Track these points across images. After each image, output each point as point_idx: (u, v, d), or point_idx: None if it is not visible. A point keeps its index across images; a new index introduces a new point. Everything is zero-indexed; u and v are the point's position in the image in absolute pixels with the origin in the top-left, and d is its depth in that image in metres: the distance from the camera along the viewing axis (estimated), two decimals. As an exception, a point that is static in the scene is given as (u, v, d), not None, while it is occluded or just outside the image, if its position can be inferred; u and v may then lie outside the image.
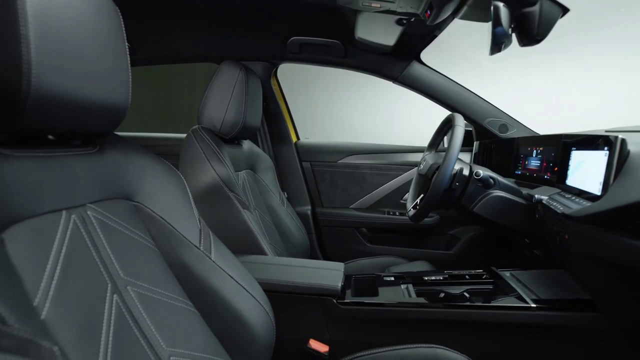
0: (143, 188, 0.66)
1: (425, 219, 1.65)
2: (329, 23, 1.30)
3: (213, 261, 0.69)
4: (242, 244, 1.01)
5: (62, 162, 0.51)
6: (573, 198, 0.79)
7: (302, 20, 1.31)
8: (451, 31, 1.20)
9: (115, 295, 0.51)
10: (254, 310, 0.71)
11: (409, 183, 1.60)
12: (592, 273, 0.74)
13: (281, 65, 1.67)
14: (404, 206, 1.69)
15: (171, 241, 0.66)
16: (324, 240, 1.75)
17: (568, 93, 2.32)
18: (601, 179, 0.70)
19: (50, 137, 0.51)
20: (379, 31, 1.22)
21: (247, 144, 1.37)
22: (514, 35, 0.86)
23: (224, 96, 1.14)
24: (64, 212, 0.49)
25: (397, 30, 1.18)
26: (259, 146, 1.57)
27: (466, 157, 1.66)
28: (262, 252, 1.02)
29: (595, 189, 0.72)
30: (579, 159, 0.87)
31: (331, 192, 1.78)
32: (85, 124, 0.52)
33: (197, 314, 0.64)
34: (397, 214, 1.70)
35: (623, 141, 0.67)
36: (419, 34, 1.23)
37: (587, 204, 0.70)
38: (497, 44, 0.81)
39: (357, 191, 1.76)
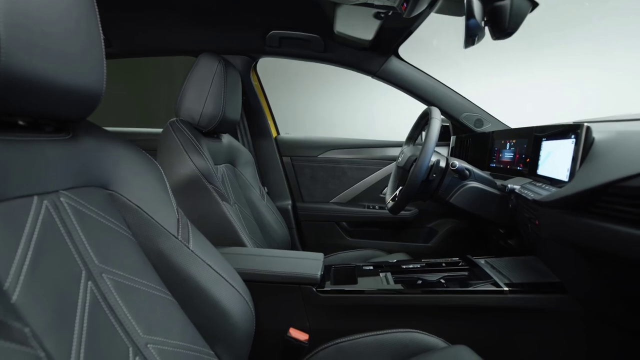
0: (118, 176, 0.65)
1: (404, 213, 1.68)
2: (309, 17, 1.31)
3: (191, 250, 0.68)
4: (221, 237, 1.00)
5: (34, 148, 0.49)
6: (543, 186, 0.82)
7: (281, 14, 1.31)
8: (434, 32, 1.23)
9: (89, 282, 0.50)
10: (233, 299, 0.70)
11: (388, 177, 1.62)
12: (561, 257, 0.78)
13: (262, 62, 1.67)
14: (383, 200, 1.72)
15: (148, 230, 0.65)
16: (304, 235, 1.75)
17: (540, 89, 2.41)
18: (569, 165, 0.73)
19: (20, 122, 0.49)
20: (358, 25, 1.23)
21: (226, 138, 1.35)
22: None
23: (202, 88, 1.13)
24: (35, 198, 0.48)
25: (375, 25, 1.19)
26: (238, 141, 1.57)
27: (444, 151, 1.70)
28: (241, 244, 1.02)
29: (564, 175, 0.75)
30: (548, 149, 0.90)
31: (311, 186, 1.79)
32: (57, 108, 0.51)
33: (175, 303, 0.64)
34: (376, 207, 1.72)
35: (588, 129, 0.70)
36: (396, 28, 1.25)
37: (556, 190, 0.73)
38: (471, 36, 0.84)
39: (337, 185, 1.78)
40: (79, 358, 0.43)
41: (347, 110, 2.81)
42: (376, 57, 1.48)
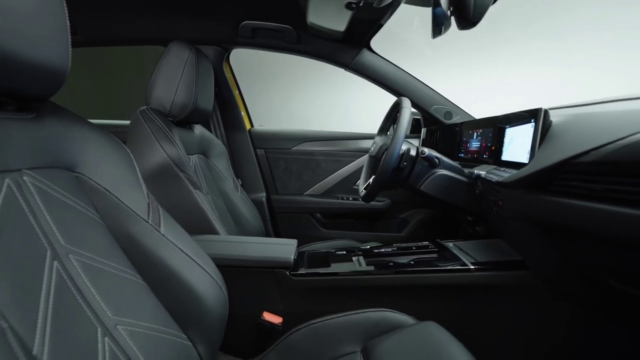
0: (85, 159, 0.63)
1: (377, 204, 1.71)
2: (281, 7, 1.31)
3: (162, 234, 0.68)
4: (194, 225, 0.99)
5: None
6: (507, 170, 0.86)
7: (253, 4, 1.30)
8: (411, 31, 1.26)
9: (55, 262, 0.49)
10: (205, 283, 0.70)
11: (361, 169, 1.65)
12: (522, 235, 0.82)
13: (237, 56, 1.66)
14: (357, 192, 1.74)
15: (117, 213, 0.64)
16: (279, 227, 1.76)
17: (506, 86, 2.50)
18: (529, 148, 0.77)
19: None
20: (330, 16, 1.24)
21: (198, 129, 1.34)
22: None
23: (174, 77, 1.11)
24: None
25: (347, 15, 1.21)
26: (211, 132, 1.55)
27: (415, 143, 1.74)
28: (214, 233, 1.01)
29: (525, 158, 0.79)
30: (511, 135, 0.94)
31: (286, 178, 1.79)
32: (19, 85, 0.49)
33: (146, 286, 0.63)
34: (350, 199, 1.75)
35: (546, 112, 0.74)
36: (367, 20, 1.27)
37: (517, 171, 0.77)
38: (438, 25, 0.87)
39: (311, 177, 1.79)
40: (44, 335, 0.42)
41: (323, 107, 2.83)
42: (349, 49, 1.49)
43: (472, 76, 2.51)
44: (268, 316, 0.83)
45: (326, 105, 2.82)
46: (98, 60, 2.73)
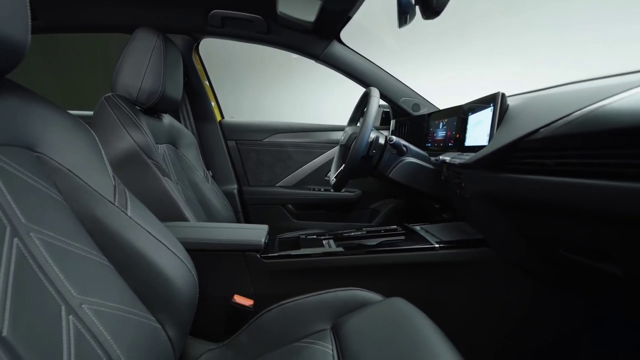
0: (47, 139, 0.61)
1: (348, 194, 1.74)
2: None
3: (129, 217, 0.67)
4: (163, 213, 0.98)
5: None
6: (469, 154, 0.90)
7: None
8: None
9: (15, 239, 0.48)
10: (174, 266, 0.69)
11: (332, 160, 1.67)
12: (483, 214, 0.86)
13: (209, 51, 1.64)
14: (328, 183, 1.77)
15: (81, 195, 0.62)
16: (250, 218, 1.75)
17: (472, 82, 2.59)
18: (488, 131, 0.82)
19: None
20: (300, 6, 1.25)
21: (167, 119, 1.31)
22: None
23: (140, 63, 1.08)
24: None
25: (316, 6, 1.22)
26: (180, 123, 1.52)
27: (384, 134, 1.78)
28: (184, 220, 1.00)
29: (485, 141, 0.83)
30: (473, 121, 0.99)
31: (257, 170, 1.79)
32: None
33: (112, 268, 0.62)
34: (322, 190, 1.76)
35: (503, 95, 0.78)
36: (336, 11, 1.29)
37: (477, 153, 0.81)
38: (403, 14, 0.90)
39: (283, 169, 1.79)
40: (4, 310, 0.41)
41: (295, 104, 2.84)
42: (319, 41, 1.51)
43: (439, 74, 2.59)
44: (239, 299, 0.83)
45: (299, 100, 2.83)
46: (60, 49, 2.62)
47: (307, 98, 2.82)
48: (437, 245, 0.91)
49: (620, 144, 0.45)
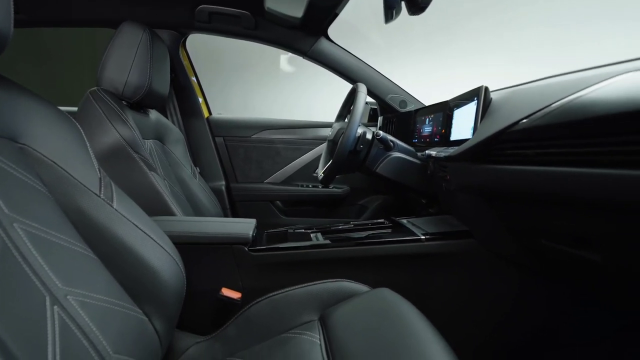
0: (30, 130, 0.61)
1: (336, 190, 1.75)
2: None
3: (115, 209, 0.66)
4: (149, 207, 0.96)
5: None
6: (455, 148, 0.92)
7: None
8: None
9: None
10: (161, 259, 0.69)
11: (321, 157, 1.68)
12: (468, 206, 0.88)
13: (199, 49, 1.63)
14: (316, 179, 1.77)
15: (66, 187, 0.62)
16: (239, 215, 1.75)
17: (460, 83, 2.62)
18: (472, 124, 0.83)
19: None
20: (287, 2, 1.26)
21: (154, 114, 1.30)
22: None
23: (126, 57, 1.07)
24: None
25: (304, 1, 1.23)
26: (167, 119, 1.51)
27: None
28: (171, 214, 0.99)
29: (469, 134, 0.85)
30: (458, 116, 1.01)
31: (245, 167, 1.79)
32: None
33: (98, 260, 0.61)
34: (310, 186, 1.77)
35: (486, 89, 0.80)
36: (323, 7, 1.29)
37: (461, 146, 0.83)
38: (390, 9, 0.91)
39: (271, 165, 1.79)
40: None
41: (286, 103, 2.84)
42: (307, 37, 1.51)
43: (426, 75, 2.62)
44: (227, 292, 0.83)
45: (290, 100, 2.84)
46: (45, 44, 2.57)
47: (297, 96, 2.83)
48: (423, 237, 0.92)
49: (596, 133, 0.47)
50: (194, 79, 1.71)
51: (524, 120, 0.61)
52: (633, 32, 1.96)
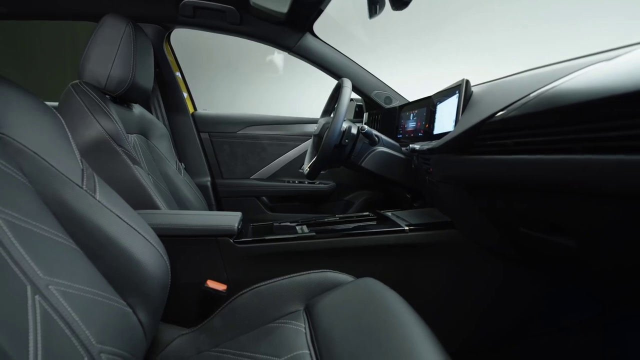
0: (10, 120, 0.60)
1: (322, 186, 1.76)
2: None
3: (98, 200, 0.66)
4: (133, 201, 0.95)
5: None
6: (437, 140, 0.94)
7: None
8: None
9: None
10: (145, 251, 0.69)
11: (307, 152, 1.69)
12: (450, 197, 0.90)
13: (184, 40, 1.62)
14: (303, 175, 1.78)
15: (47, 178, 0.61)
16: (225, 211, 1.74)
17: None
18: (454, 117, 0.85)
19: None
20: (272, -4, 1.26)
21: (138, 109, 1.29)
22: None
23: (109, 50, 1.06)
24: None
25: (289, -4, 1.23)
26: (152, 114, 1.50)
27: (358, 126, 1.81)
28: (156, 208, 0.99)
29: (451, 126, 0.87)
30: (441, 110, 1.03)
31: (231, 163, 1.78)
32: None
33: (80, 251, 0.61)
34: (296, 182, 1.77)
35: (467, 82, 0.82)
36: (308, 2, 1.30)
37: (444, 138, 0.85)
38: (373, 4, 0.92)
39: (257, 161, 1.79)
40: None
41: (272, 100, 2.84)
42: (292, 33, 1.52)
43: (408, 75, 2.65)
44: (212, 284, 0.83)
45: (277, 95, 2.83)
46: (25, 38, 2.51)
47: (283, 94, 2.82)
48: (407, 228, 0.94)
49: (568, 121, 0.49)
50: (178, 74, 1.70)
51: (503, 111, 0.62)
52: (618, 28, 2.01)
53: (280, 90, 2.84)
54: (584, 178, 0.47)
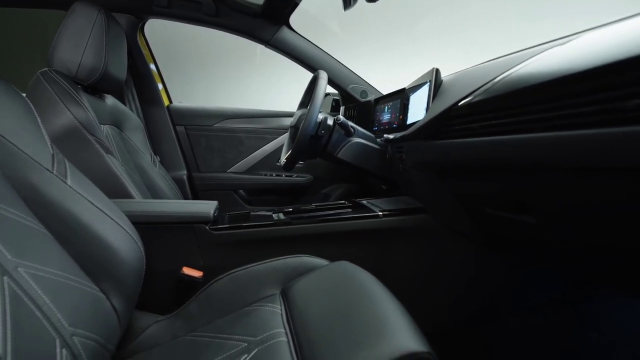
0: None
1: (299, 179, 1.77)
2: None
3: (69, 186, 0.65)
4: (107, 190, 0.94)
5: None
6: (410, 129, 0.97)
7: None
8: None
9: None
10: (118, 236, 0.68)
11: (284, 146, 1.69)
12: (422, 183, 0.93)
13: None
14: (280, 168, 1.78)
15: (15, 162, 0.60)
16: None
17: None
18: (425, 105, 0.88)
19: None
20: (248, -13, 1.26)
21: (111, 100, 1.26)
22: None
23: (80, 37, 1.03)
24: None
25: (265, -12, 1.24)
26: (125, 107, 1.47)
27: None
28: (130, 197, 0.97)
29: (422, 115, 0.90)
30: (414, 100, 1.06)
31: (208, 156, 1.76)
32: None
33: (51, 236, 0.60)
34: (273, 175, 1.78)
35: (437, 71, 0.85)
36: None
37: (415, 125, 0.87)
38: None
39: (234, 155, 1.78)
40: None
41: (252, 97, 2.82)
42: (269, 26, 1.52)
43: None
44: (188, 270, 0.83)
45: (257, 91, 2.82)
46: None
47: (265, 89, 2.81)
48: (381, 213, 0.96)
49: (528, 102, 0.52)
50: (153, 67, 1.67)
51: (469, 97, 0.65)
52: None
53: (260, 86, 2.83)
54: (542, 155, 0.50)
